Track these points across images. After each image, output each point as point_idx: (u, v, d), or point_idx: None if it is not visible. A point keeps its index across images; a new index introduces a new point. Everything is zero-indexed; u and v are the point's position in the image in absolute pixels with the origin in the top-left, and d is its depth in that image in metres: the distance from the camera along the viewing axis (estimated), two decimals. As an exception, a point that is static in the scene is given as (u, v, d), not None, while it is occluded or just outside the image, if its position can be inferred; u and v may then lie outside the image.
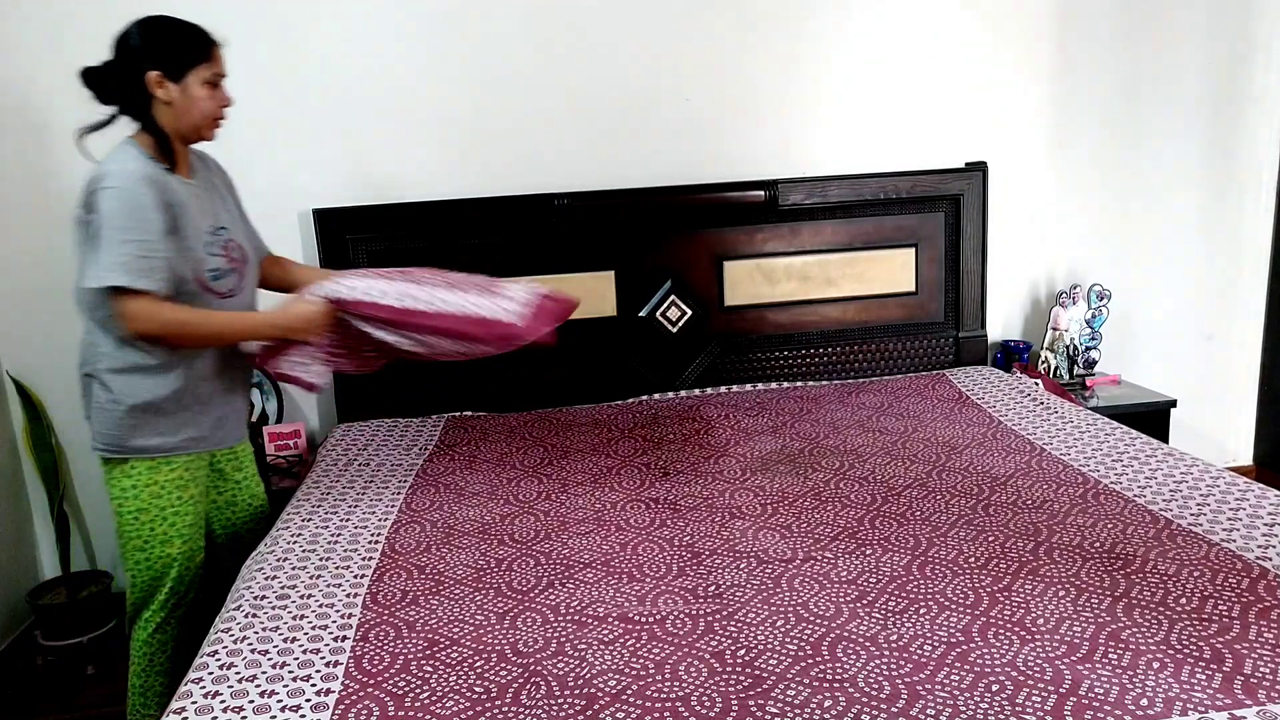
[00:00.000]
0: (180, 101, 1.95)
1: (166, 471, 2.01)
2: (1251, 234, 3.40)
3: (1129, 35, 3.18)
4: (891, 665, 1.41)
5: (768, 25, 3.00)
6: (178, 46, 1.94)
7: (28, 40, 2.71)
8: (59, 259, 2.84)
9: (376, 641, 1.55)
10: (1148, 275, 3.36)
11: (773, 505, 2.05)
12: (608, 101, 2.98)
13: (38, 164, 2.79)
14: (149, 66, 1.91)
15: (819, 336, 3.11)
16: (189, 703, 1.39)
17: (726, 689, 1.37)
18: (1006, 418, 2.60)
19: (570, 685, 1.40)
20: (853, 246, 3.07)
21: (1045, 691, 1.32)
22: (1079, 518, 1.91)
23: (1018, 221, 3.24)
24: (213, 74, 1.98)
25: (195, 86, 1.95)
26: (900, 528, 1.91)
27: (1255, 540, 1.76)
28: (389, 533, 2.00)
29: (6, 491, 2.88)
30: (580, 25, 2.93)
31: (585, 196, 2.91)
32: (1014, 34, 3.12)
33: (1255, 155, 3.34)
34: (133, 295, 1.85)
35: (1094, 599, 1.58)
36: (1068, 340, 3.18)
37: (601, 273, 2.96)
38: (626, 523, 2.00)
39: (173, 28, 1.95)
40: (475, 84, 2.91)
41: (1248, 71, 3.27)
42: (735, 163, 3.06)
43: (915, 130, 3.14)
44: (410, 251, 2.75)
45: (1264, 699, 1.28)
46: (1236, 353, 3.50)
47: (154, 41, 1.93)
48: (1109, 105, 3.22)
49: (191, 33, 1.96)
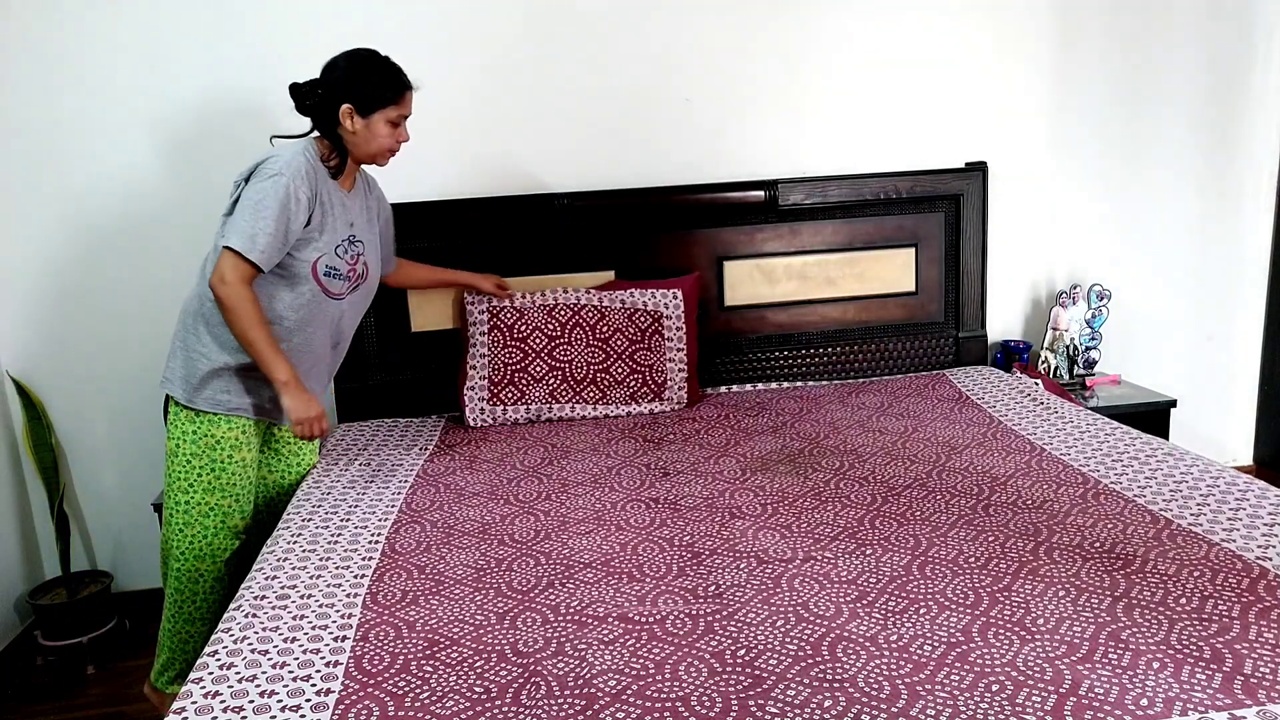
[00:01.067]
0: (363, 134, 2.17)
1: (225, 428, 2.20)
2: (1251, 234, 3.40)
3: (1129, 35, 3.18)
4: (891, 665, 1.41)
5: (768, 25, 3.01)
6: (373, 86, 2.14)
7: (27, 42, 2.72)
8: (59, 259, 2.86)
9: (376, 641, 1.55)
10: (1148, 275, 3.36)
11: (773, 505, 2.05)
12: (608, 101, 2.99)
13: (37, 165, 2.79)
14: (344, 99, 2.13)
15: (819, 336, 3.11)
16: (189, 703, 1.39)
17: (726, 689, 1.37)
18: (1006, 418, 2.60)
19: (570, 685, 1.40)
20: (853, 246, 3.07)
21: (1045, 691, 1.32)
22: (1079, 518, 1.91)
23: (1018, 221, 3.24)
24: (398, 115, 2.19)
25: (379, 124, 2.17)
26: (900, 528, 1.91)
27: (1255, 540, 1.76)
28: (389, 533, 2.00)
29: (6, 491, 2.88)
30: (580, 25, 2.93)
31: (585, 196, 2.91)
32: (1014, 34, 3.13)
33: (1255, 155, 3.34)
34: (239, 259, 2.03)
35: (1094, 599, 1.58)
36: (1068, 340, 3.18)
37: (601, 273, 2.96)
38: (626, 523, 2.00)
39: (375, 68, 2.16)
40: (475, 83, 2.92)
41: (1248, 71, 3.27)
42: (735, 163, 3.06)
43: (915, 130, 3.14)
44: (410, 252, 2.75)
45: (1264, 699, 1.28)
46: (1236, 353, 3.50)
47: (355, 77, 2.14)
48: (1109, 105, 3.22)
49: (390, 75, 2.16)
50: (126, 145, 2.81)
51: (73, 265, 2.86)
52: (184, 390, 2.18)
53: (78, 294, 2.88)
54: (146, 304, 2.88)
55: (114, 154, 2.81)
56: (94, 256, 2.86)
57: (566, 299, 2.79)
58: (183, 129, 2.82)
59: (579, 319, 2.76)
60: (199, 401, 2.18)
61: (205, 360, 2.16)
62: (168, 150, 2.83)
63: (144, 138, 2.81)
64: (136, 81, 2.77)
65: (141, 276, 2.88)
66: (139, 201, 2.84)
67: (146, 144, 2.82)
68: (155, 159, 2.83)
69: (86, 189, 2.82)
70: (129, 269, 2.88)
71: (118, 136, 2.80)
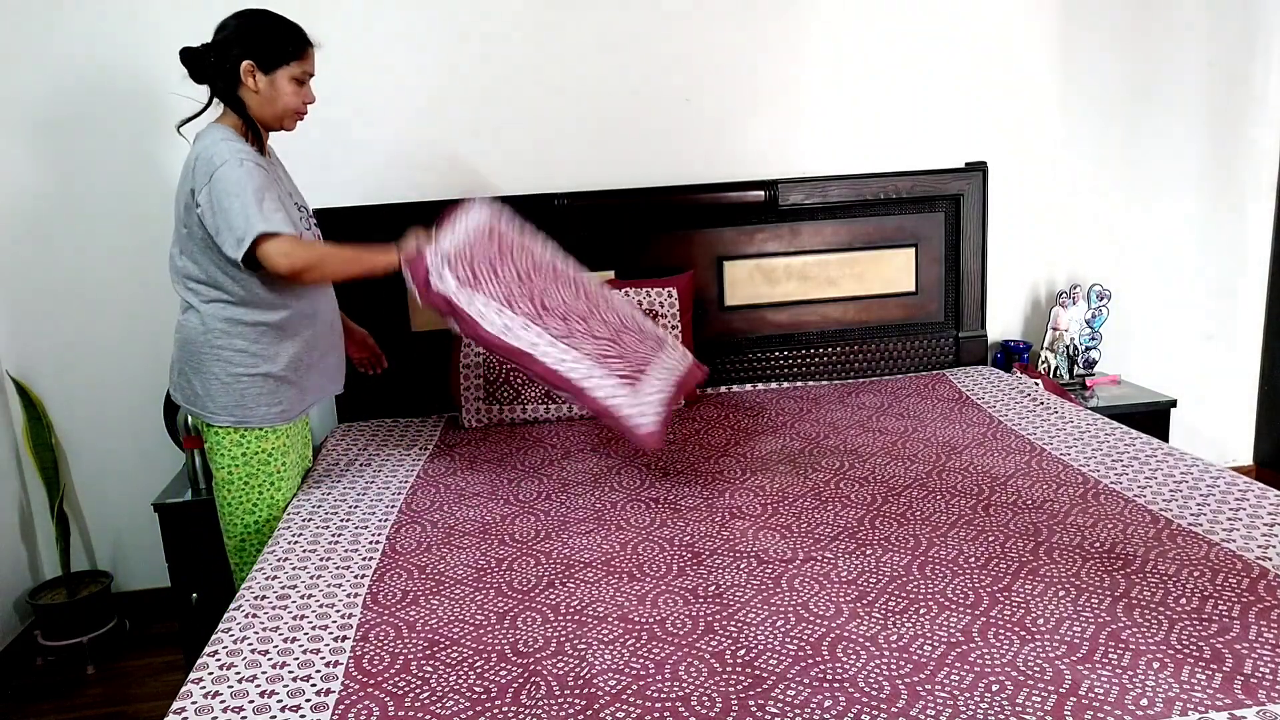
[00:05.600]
0: (267, 92, 2.07)
1: (274, 439, 2.18)
2: (1251, 234, 3.40)
3: (1129, 35, 3.18)
4: (891, 665, 1.41)
5: (768, 25, 3.00)
6: (273, 41, 2.06)
7: (24, 41, 2.71)
8: (59, 260, 2.86)
9: (376, 641, 1.55)
10: (1148, 275, 3.36)
11: (773, 505, 2.05)
12: (608, 101, 2.99)
13: (36, 165, 2.79)
14: (243, 55, 2.03)
15: (819, 336, 3.11)
16: (189, 703, 1.39)
17: (726, 689, 1.37)
18: (1006, 418, 2.60)
19: (570, 685, 1.40)
20: (853, 246, 3.07)
21: (1045, 691, 1.32)
22: (1079, 518, 1.91)
23: (1018, 221, 3.24)
24: (302, 72, 2.10)
25: (283, 81, 2.07)
26: (900, 528, 1.91)
27: (1255, 540, 1.76)
28: (389, 533, 2.01)
29: (6, 491, 2.88)
30: (580, 25, 2.93)
31: (585, 196, 2.91)
32: (1014, 33, 3.13)
33: (1255, 156, 3.34)
34: (275, 238, 1.95)
35: (1094, 599, 1.58)
36: (1068, 340, 3.18)
37: (601, 273, 2.96)
38: (626, 522, 2.00)
39: (272, 23, 2.08)
40: (474, 84, 2.91)
41: (1248, 71, 3.27)
42: (735, 163, 3.06)
43: (915, 130, 3.14)
44: (410, 251, 2.75)
45: (1264, 699, 1.28)
46: (1236, 353, 3.50)
47: (252, 33, 2.05)
48: (1109, 105, 3.22)
49: (288, 30, 2.09)
50: (127, 146, 2.81)
51: (73, 266, 2.86)
52: (231, 417, 2.13)
53: (78, 294, 2.88)
54: (147, 304, 2.87)
55: (114, 154, 2.81)
56: (95, 257, 2.86)
57: None
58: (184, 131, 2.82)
59: None
60: (252, 420, 2.13)
61: (246, 378, 2.11)
62: (169, 151, 2.83)
63: (143, 137, 2.81)
64: (136, 83, 2.77)
65: (142, 276, 2.87)
66: (140, 202, 2.84)
67: (147, 145, 2.82)
68: (156, 160, 2.83)
69: (87, 189, 2.82)
70: (130, 269, 2.87)
71: (118, 138, 2.80)
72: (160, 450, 2.91)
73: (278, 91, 2.07)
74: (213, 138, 2.02)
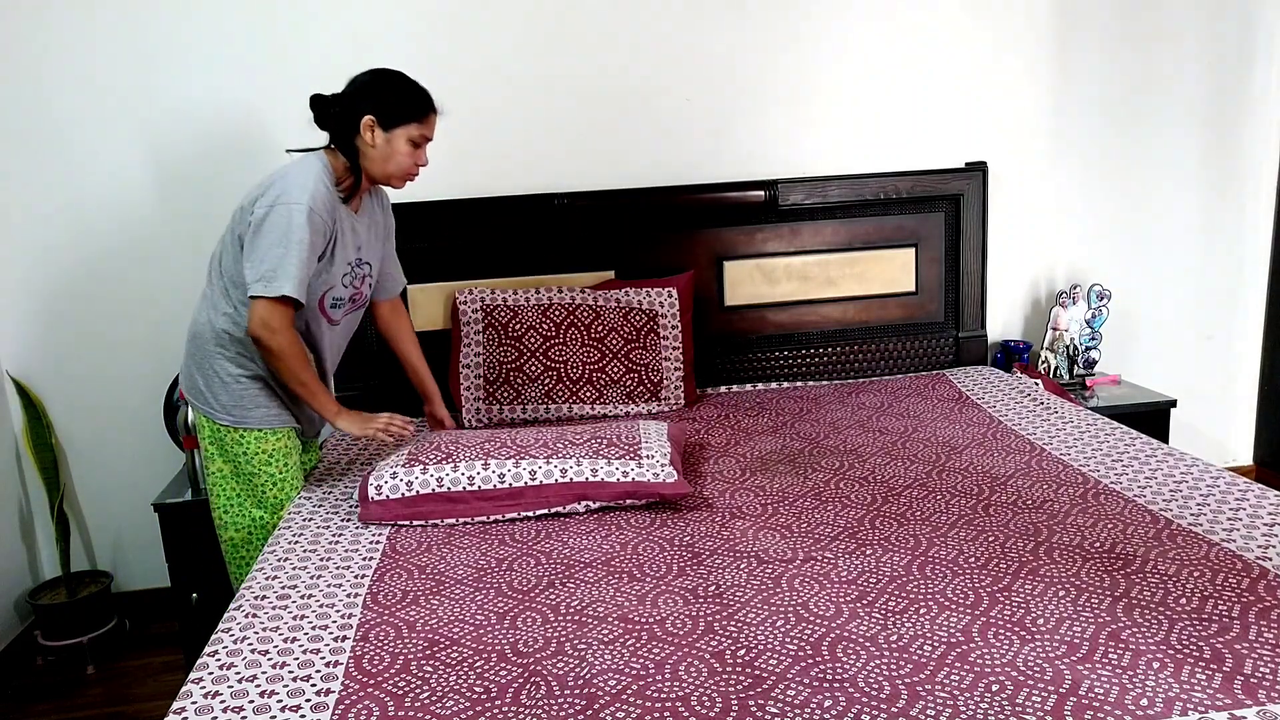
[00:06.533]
0: (383, 149, 2.10)
1: (274, 440, 2.19)
2: (1252, 234, 3.40)
3: (1129, 34, 3.18)
4: (891, 665, 1.41)
5: (768, 25, 3.00)
6: (398, 100, 2.09)
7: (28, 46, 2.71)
8: (59, 260, 2.86)
9: (376, 641, 1.55)
10: (1148, 275, 3.36)
11: (773, 505, 2.05)
12: (608, 101, 2.98)
13: (36, 166, 2.79)
14: (367, 110, 2.07)
15: (819, 336, 3.11)
16: (189, 703, 1.39)
17: (726, 689, 1.37)
18: (1006, 418, 2.60)
19: (570, 685, 1.40)
20: (853, 246, 3.07)
21: (1045, 691, 1.32)
22: (1079, 518, 1.91)
23: (1018, 221, 3.24)
24: (420, 135, 2.13)
25: (400, 140, 2.10)
26: (900, 528, 1.91)
27: (1255, 540, 1.76)
28: (389, 533, 2.01)
29: (6, 491, 2.88)
30: (580, 25, 2.93)
31: (585, 196, 2.91)
32: (1014, 34, 3.12)
33: (1255, 155, 3.34)
34: (278, 303, 1.99)
35: (1094, 599, 1.58)
36: (1068, 340, 3.18)
37: (601, 273, 2.96)
38: (626, 522, 2.00)
39: (400, 83, 2.12)
40: (474, 83, 2.91)
41: (1248, 71, 3.27)
42: (735, 163, 3.06)
43: (915, 130, 3.14)
44: (410, 251, 2.75)
45: (1264, 699, 1.28)
46: (1236, 353, 3.50)
47: (380, 90, 2.09)
48: (1109, 105, 3.22)
49: (416, 93, 2.11)
50: (127, 146, 2.81)
51: (73, 266, 2.86)
52: (230, 417, 2.15)
53: (78, 294, 2.87)
54: (147, 304, 2.88)
55: (114, 155, 2.81)
56: (94, 257, 2.86)
57: (561, 298, 2.79)
58: (183, 132, 2.82)
59: (574, 318, 2.76)
60: (250, 421, 2.16)
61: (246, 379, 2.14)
62: (169, 151, 2.83)
63: (144, 140, 2.81)
64: (137, 84, 2.77)
65: (142, 276, 2.87)
66: (140, 202, 2.84)
67: (147, 145, 2.81)
68: (155, 161, 2.83)
69: (87, 189, 2.82)
70: (129, 269, 2.87)
71: (118, 138, 2.80)
72: (160, 450, 2.91)
73: (393, 150, 2.10)
74: (307, 172, 2.03)
